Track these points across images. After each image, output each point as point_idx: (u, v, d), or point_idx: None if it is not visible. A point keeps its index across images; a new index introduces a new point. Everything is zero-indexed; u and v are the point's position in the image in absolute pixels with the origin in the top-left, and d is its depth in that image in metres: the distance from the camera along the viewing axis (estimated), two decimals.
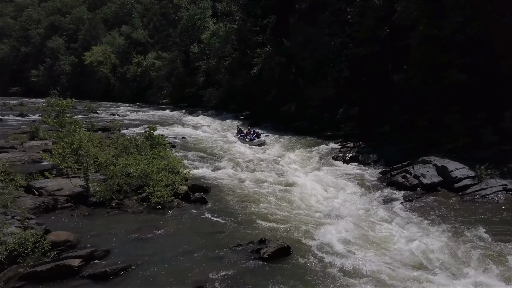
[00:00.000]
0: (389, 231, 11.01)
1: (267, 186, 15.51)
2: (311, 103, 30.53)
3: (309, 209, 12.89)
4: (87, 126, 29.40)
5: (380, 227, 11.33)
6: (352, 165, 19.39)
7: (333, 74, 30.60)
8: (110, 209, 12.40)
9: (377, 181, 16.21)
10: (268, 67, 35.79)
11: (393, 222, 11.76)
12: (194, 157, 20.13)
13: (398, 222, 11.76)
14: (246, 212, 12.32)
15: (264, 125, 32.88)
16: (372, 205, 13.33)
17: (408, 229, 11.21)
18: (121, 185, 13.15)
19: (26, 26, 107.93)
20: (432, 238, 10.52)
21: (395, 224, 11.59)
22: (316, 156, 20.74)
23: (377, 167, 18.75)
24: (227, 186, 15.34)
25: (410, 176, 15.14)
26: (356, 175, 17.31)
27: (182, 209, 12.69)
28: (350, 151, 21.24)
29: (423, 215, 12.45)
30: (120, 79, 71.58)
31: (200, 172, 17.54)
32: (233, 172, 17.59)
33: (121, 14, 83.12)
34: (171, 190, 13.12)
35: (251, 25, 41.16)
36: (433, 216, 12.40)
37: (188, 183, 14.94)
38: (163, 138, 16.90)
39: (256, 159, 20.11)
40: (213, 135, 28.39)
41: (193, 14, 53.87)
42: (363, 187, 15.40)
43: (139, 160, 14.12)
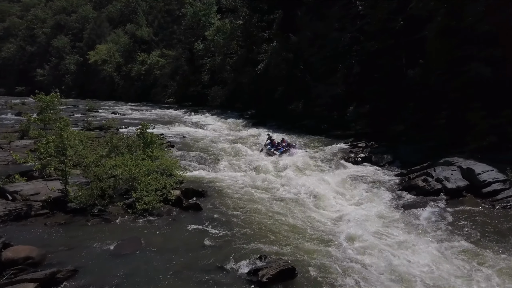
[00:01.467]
0: (411, 247, 9.35)
1: (270, 190, 13.95)
2: (319, 101, 29.08)
3: (318, 218, 11.28)
4: (83, 125, 28.32)
5: (400, 242, 9.68)
6: (365, 166, 17.70)
7: (342, 71, 29.23)
8: (91, 216, 10.90)
9: (393, 184, 14.51)
10: (274, 63, 34.35)
11: (415, 234, 10.12)
12: (193, 157, 18.59)
13: (421, 234, 10.12)
14: (245, 221, 10.74)
15: (270, 125, 31.38)
16: (389, 214, 11.68)
17: (434, 243, 9.56)
18: (105, 189, 11.64)
19: (32, 25, 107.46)
20: (463, 255, 8.90)
21: (417, 237, 9.95)
22: (325, 157, 19.07)
23: (392, 169, 17.06)
24: (226, 190, 13.76)
25: (432, 179, 13.44)
26: (370, 177, 15.63)
27: (172, 217, 11.15)
28: (362, 151, 19.57)
29: (450, 225, 10.78)
30: (125, 78, 70.40)
31: (197, 174, 16.01)
32: (233, 174, 16.04)
33: (126, 13, 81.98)
34: (161, 195, 11.59)
35: (257, 20, 39.88)
36: (461, 226, 10.72)
37: (183, 186, 13.42)
38: (157, 136, 15.34)
39: (259, 159, 18.52)
40: (216, 134, 26.82)
41: (198, 10, 52.43)
42: (378, 191, 13.73)
43: (127, 160, 12.60)
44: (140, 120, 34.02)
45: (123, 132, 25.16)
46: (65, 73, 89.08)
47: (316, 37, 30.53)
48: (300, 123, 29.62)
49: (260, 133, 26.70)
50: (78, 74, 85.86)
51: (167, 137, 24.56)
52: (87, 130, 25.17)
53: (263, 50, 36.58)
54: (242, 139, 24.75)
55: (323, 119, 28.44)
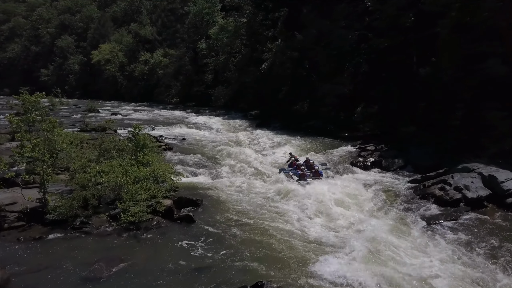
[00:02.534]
0: (429, 268, 8.17)
1: (272, 199, 12.78)
2: (325, 101, 27.95)
3: (324, 235, 10.11)
4: (80, 126, 27.34)
5: (417, 261, 8.50)
6: (374, 172, 16.52)
7: (349, 70, 28.21)
8: (71, 229, 9.82)
9: (406, 192, 13.28)
10: (279, 62, 33.24)
11: (434, 253, 8.92)
12: (191, 161, 17.48)
13: (440, 253, 8.92)
14: (242, 238, 9.58)
15: (274, 126, 30.22)
16: (403, 227, 10.46)
17: (456, 264, 8.37)
18: (88, 198, 10.55)
19: (36, 25, 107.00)
20: (488, 274, 7.72)
21: (436, 256, 8.75)
22: (332, 161, 17.89)
23: (404, 174, 15.86)
24: (223, 199, 12.60)
25: (450, 187, 12.23)
26: (380, 184, 14.41)
27: (161, 230, 10.03)
28: (371, 155, 18.36)
29: (472, 242, 9.57)
30: (128, 78, 69.45)
31: (194, 180, 14.89)
32: (233, 180, 14.86)
33: (130, 12, 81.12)
34: (150, 205, 10.47)
35: (261, 18, 38.84)
36: (486, 242, 9.51)
37: (176, 194, 12.31)
38: (154, 139, 14.25)
39: (262, 164, 17.35)
40: (217, 136, 25.69)
41: (201, 9, 51.37)
42: (390, 200, 12.53)
43: (115, 166, 11.51)
44: (140, 121, 33.08)
45: (120, 134, 24.16)
46: (69, 73, 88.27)
47: (322, 35, 29.42)
48: (306, 124, 28.47)
49: (261, 134, 25.65)
50: (81, 74, 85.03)
51: (166, 139, 23.50)
52: (83, 132, 24.24)
53: (267, 49, 35.44)
54: (245, 141, 23.61)
55: (329, 120, 27.33)
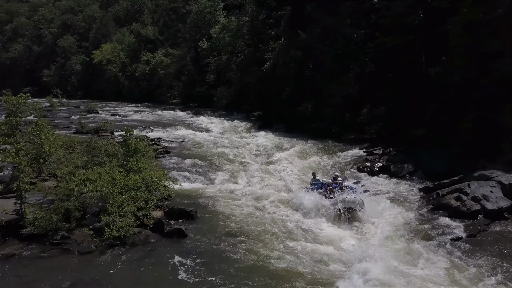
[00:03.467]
0: None
1: (273, 210, 11.79)
2: (330, 102, 26.97)
3: (328, 251, 9.13)
4: (76, 128, 26.50)
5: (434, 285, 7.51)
6: (383, 178, 15.52)
7: (355, 69, 27.26)
8: (50, 245, 8.91)
9: (418, 201, 12.28)
10: (282, 62, 32.26)
11: (454, 274, 7.92)
12: (188, 165, 16.56)
13: (461, 274, 7.92)
14: (240, 255, 8.62)
15: (277, 127, 29.25)
16: (416, 244, 9.42)
17: None
18: (71, 209, 9.61)
19: (39, 25, 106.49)
20: None
21: (457, 278, 7.76)
22: (338, 166, 16.89)
23: (414, 181, 14.86)
24: (220, 209, 11.61)
25: (467, 197, 11.22)
26: (389, 192, 13.42)
27: (148, 247, 9.08)
28: (379, 159, 17.36)
29: (496, 261, 8.56)
30: (130, 78, 68.58)
31: (190, 186, 13.92)
32: (232, 187, 13.89)
33: (132, 11, 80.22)
34: (138, 218, 9.53)
35: (264, 17, 37.86)
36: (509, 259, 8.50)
37: (169, 203, 11.38)
38: (143, 144, 13.30)
39: (263, 169, 16.33)
40: (217, 138, 24.73)
41: (203, 7, 50.42)
42: (401, 211, 11.51)
43: (102, 173, 10.58)
44: (139, 122, 32.25)
45: (116, 136, 23.28)
46: (71, 74, 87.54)
47: (326, 34, 28.50)
48: (310, 126, 27.48)
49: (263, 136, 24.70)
50: (83, 75, 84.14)
51: (164, 142, 22.63)
52: (79, 134, 23.39)
53: (270, 48, 34.46)
54: (246, 144, 22.63)
55: (334, 122, 26.34)
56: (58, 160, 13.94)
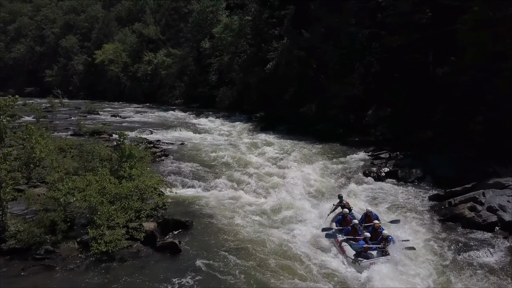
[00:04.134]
0: None
1: (276, 220, 11.07)
2: (334, 103, 26.29)
3: (334, 266, 8.42)
4: (74, 129, 25.90)
5: None
6: (390, 183, 14.78)
7: (360, 69, 26.56)
8: (33, 260, 8.25)
9: (429, 210, 11.55)
10: (285, 62, 31.61)
11: None
12: (187, 170, 15.88)
13: None
14: (236, 276, 7.89)
15: (279, 129, 28.61)
16: (428, 260, 8.68)
17: None
18: (56, 221, 8.96)
19: (42, 25, 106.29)
20: None
21: None
22: (343, 170, 16.15)
23: (423, 187, 14.13)
24: (218, 218, 10.92)
25: (482, 207, 10.49)
26: (397, 199, 12.70)
27: (139, 262, 8.41)
28: (386, 164, 16.64)
29: None
30: (132, 78, 68.11)
31: (188, 193, 13.27)
32: (232, 194, 13.20)
33: (134, 11, 79.76)
34: (129, 230, 8.87)
35: (267, 16, 37.20)
36: None
37: (164, 212, 10.72)
38: (137, 149, 12.66)
39: (265, 175, 15.61)
40: (218, 141, 24.06)
41: (205, 7, 49.80)
42: (410, 221, 10.75)
43: (92, 181, 9.92)
44: (140, 124, 31.65)
45: (115, 139, 22.67)
46: (73, 74, 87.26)
47: (330, 33, 27.86)
48: (313, 127, 26.82)
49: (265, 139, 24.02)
50: (85, 75, 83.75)
51: (164, 144, 22.00)
52: (76, 136, 22.79)
53: (273, 48, 33.79)
54: (247, 147, 21.95)
55: (338, 123, 25.64)
56: (50, 165, 13.32)
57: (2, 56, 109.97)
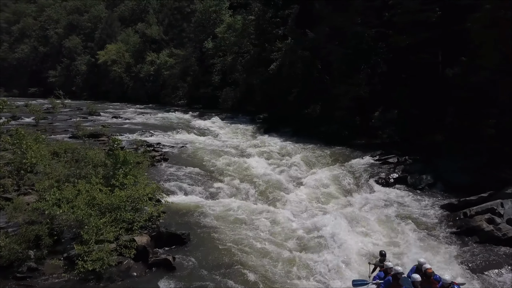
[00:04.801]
0: None
1: (280, 231, 10.37)
2: (339, 104, 25.48)
3: None
4: (72, 132, 25.25)
5: None
6: (399, 190, 14.05)
7: (366, 70, 25.66)
8: (14, 279, 7.59)
9: (443, 222, 10.79)
10: (289, 62, 30.88)
11: None
12: (187, 175, 15.19)
13: None
14: None
15: (283, 131, 27.87)
16: None
17: None
18: (41, 235, 8.30)
19: (45, 26, 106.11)
20: None
21: None
22: (350, 176, 15.39)
23: (435, 195, 13.38)
24: (218, 230, 10.22)
25: (501, 219, 9.75)
26: (408, 207, 11.96)
27: (128, 282, 7.75)
28: (394, 169, 15.89)
29: None
30: (135, 79, 67.58)
31: (186, 200, 12.58)
32: (233, 203, 12.47)
33: (137, 11, 79.24)
34: (120, 245, 8.19)
35: (270, 16, 36.47)
36: None
37: (160, 222, 10.03)
38: (133, 154, 11.99)
39: (268, 181, 14.87)
40: (220, 143, 23.37)
41: (208, 6, 49.14)
42: (421, 234, 10.01)
43: (82, 191, 9.26)
44: (141, 125, 30.94)
45: None
46: (76, 74, 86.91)
47: (336, 33, 27.03)
48: (318, 129, 26.07)
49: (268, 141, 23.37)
50: (89, 75, 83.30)
51: (164, 147, 21.29)
52: (75, 139, 22.16)
53: (276, 48, 33.09)
54: (250, 150, 21.22)
55: (344, 125, 24.86)
56: (43, 171, 12.70)
57: (6, 56, 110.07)
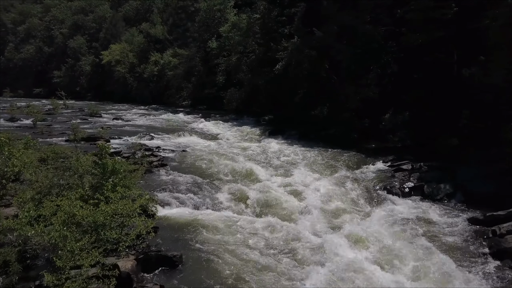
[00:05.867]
0: None
1: (286, 252, 9.21)
2: (348, 106, 24.44)
3: None
4: (69, 135, 24.30)
5: None
6: (415, 201, 12.89)
7: (376, 70, 24.55)
8: None
9: (468, 240, 9.60)
10: (295, 62, 29.88)
11: None
12: (185, 183, 14.14)
13: None
14: None
15: (289, 133, 26.85)
16: None
17: None
18: (8, 260, 7.25)
19: (50, 26, 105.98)
20: None
21: None
22: (361, 185, 14.21)
23: (455, 207, 12.21)
24: (217, 249, 9.07)
25: None
26: (428, 223, 10.76)
27: None
28: (409, 177, 14.69)
29: None
30: (138, 79, 66.84)
31: (182, 213, 11.48)
32: (235, 217, 11.33)
33: (142, 11, 78.61)
34: (98, 272, 7.12)
35: (276, 14, 35.55)
36: None
37: (151, 240, 8.97)
38: (124, 163, 10.93)
39: (273, 190, 13.73)
40: (223, 147, 22.28)
41: (212, 5, 48.20)
42: (443, 255, 8.83)
43: (63, 206, 8.20)
44: (142, 127, 30.00)
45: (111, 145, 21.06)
46: (81, 75, 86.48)
47: (344, 32, 26.07)
48: (326, 132, 25.03)
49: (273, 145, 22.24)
50: (93, 76, 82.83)
51: (164, 151, 20.33)
52: (71, 142, 21.19)
53: (282, 47, 32.07)
54: (254, 154, 20.16)
55: (352, 128, 23.80)
56: (30, 179, 11.69)
57: (12, 57, 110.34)
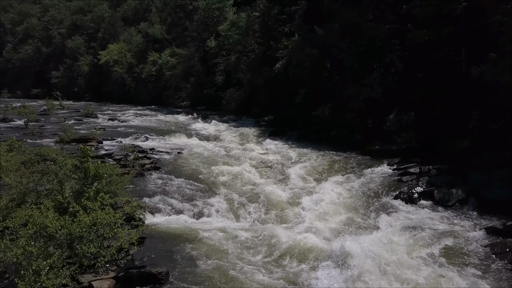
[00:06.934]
0: None
1: (284, 265, 8.31)
2: (350, 106, 23.56)
3: None
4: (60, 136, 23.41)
5: None
6: (425, 208, 11.94)
7: (379, 69, 23.72)
8: None
9: (486, 252, 8.68)
10: (296, 61, 29.02)
11: None
12: (178, 187, 13.27)
13: None
14: None
15: (290, 135, 25.98)
16: None
17: None
18: None
19: (49, 26, 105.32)
20: None
21: None
22: (366, 190, 13.27)
23: (469, 214, 11.26)
24: (208, 263, 8.12)
25: None
26: (440, 233, 9.77)
27: None
28: (417, 181, 13.74)
29: None
30: (137, 79, 65.97)
31: (172, 222, 10.56)
32: (228, 226, 10.44)
33: (140, 11, 77.75)
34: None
35: (276, 12, 34.73)
36: None
37: (135, 253, 8.05)
38: (109, 167, 10.02)
39: (271, 195, 12.82)
40: (221, 149, 21.36)
41: (211, 3, 47.29)
42: (465, 270, 7.94)
43: (34, 217, 7.28)
44: (138, 128, 29.08)
45: (103, 147, 20.19)
46: (79, 75, 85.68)
47: (347, 29, 25.17)
48: (327, 133, 24.16)
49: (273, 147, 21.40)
50: (91, 76, 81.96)
51: (159, 153, 19.44)
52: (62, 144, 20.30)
53: (282, 46, 31.20)
54: (252, 157, 19.25)
55: (355, 129, 22.92)
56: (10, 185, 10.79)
57: (10, 57, 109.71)
